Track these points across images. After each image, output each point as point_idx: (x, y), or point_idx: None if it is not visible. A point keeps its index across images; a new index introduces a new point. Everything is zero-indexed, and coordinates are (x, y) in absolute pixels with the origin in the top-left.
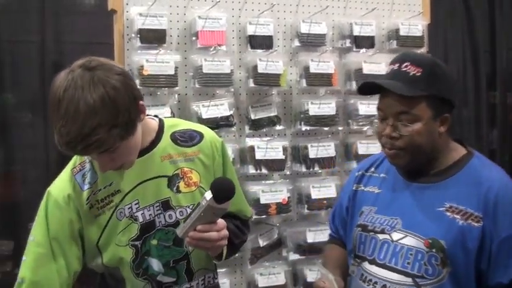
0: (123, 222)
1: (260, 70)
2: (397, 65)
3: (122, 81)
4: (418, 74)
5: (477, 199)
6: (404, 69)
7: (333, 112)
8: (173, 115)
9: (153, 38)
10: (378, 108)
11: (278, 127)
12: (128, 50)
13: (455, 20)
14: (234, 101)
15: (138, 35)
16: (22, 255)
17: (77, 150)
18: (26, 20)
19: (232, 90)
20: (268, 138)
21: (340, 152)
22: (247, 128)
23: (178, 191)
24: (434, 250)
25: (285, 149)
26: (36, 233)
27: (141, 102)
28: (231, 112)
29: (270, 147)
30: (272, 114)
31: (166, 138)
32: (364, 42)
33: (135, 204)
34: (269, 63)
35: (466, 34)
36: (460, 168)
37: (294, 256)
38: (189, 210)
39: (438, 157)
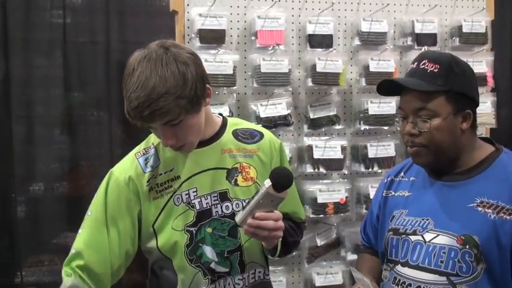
0: (180, 207)
1: (319, 69)
2: (415, 63)
3: (193, 59)
4: (436, 70)
5: (509, 192)
6: (423, 66)
7: (393, 111)
8: (232, 114)
9: (212, 38)
10: (399, 108)
11: (337, 126)
12: None
13: None
14: (292, 100)
15: (198, 35)
16: None
17: (143, 116)
18: (92, 21)
19: (291, 89)
20: (327, 137)
21: (400, 151)
22: (305, 127)
23: (236, 184)
24: (467, 246)
25: (343, 149)
26: (94, 208)
27: (207, 85)
28: (289, 111)
29: (328, 147)
30: (331, 113)
31: (228, 134)
32: (426, 39)
33: (193, 191)
34: (328, 62)
35: None
36: (489, 165)
37: (352, 256)
38: (244, 203)
39: (463, 155)
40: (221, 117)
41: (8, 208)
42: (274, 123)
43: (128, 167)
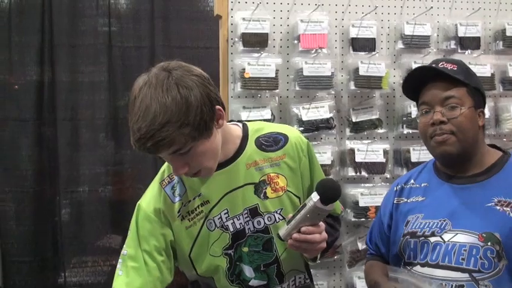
0: (215, 233)
1: (361, 72)
2: (433, 65)
3: (198, 82)
4: (455, 68)
5: None
6: (442, 66)
7: None
8: (274, 117)
9: (255, 41)
10: (422, 103)
11: (380, 130)
12: (231, 53)
13: None
14: (335, 104)
15: (241, 39)
16: None
17: (147, 148)
18: (136, 26)
19: (333, 92)
20: (369, 141)
21: None
22: (347, 130)
23: (265, 197)
24: (489, 243)
25: (385, 152)
26: (129, 246)
27: (218, 107)
28: (331, 114)
29: (370, 150)
30: (374, 117)
31: (251, 145)
32: (470, 43)
33: (225, 214)
34: (371, 65)
35: None
36: (501, 168)
37: None
38: (277, 216)
39: (477, 156)
40: (241, 125)
41: (54, 210)
42: (316, 127)
43: (155, 198)
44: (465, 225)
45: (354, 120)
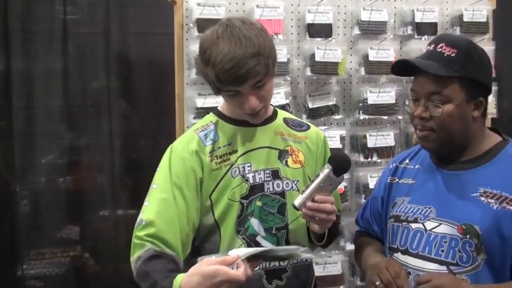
0: (236, 179)
1: (318, 58)
2: (432, 46)
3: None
4: (453, 54)
5: None
6: (440, 50)
7: (392, 101)
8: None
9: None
10: (411, 90)
11: (336, 116)
12: (186, 39)
13: None
14: (291, 90)
15: (196, 25)
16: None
17: (238, 76)
18: (92, 12)
19: (289, 79)
20: (326, 127)
21: (399, 141)
22: (304, 117)
23: (286, 164)
24: (468, 236)
25: (342, 138)
26: (159, 180)
27: None
28: (288, 101)
29: (327, 136)
30: (330, 103)
31: (280, 119)
32: (427, 29)
33: (248, 166)
34: (327, 51)
35: None
36: (495, 155)
37: (351, 246)
38: (294, 185)
39: (471, 143)
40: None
41: (11, 202)
42: None
43: (189, 141)
44: (447, 215)
45: (310, 106)
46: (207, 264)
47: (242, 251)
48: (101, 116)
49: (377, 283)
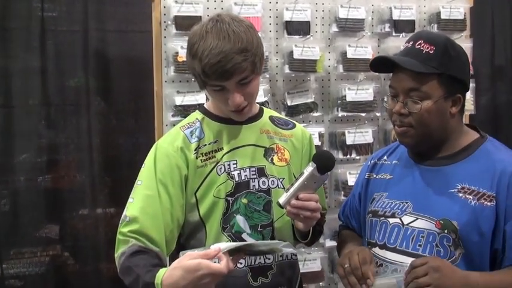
0: (222, 177)
1: (296, 56)
2: (411, 43)
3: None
4: (431, 51)
5: (490, 179)
6: (418, 46)
7: (370, 98)
8: (208, 100)
9: (189, 24)
10: (390, 86)
11: (315, 113)
12: (165, 37)
13: (503, 2)
14: (270, 87)
15: (174, 22)
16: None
17: (225, 70)
18: (70, 9)
19: (268, 76)
20: (305, 124)
21: (378, 138)
22: (283, 114)
23: (272, 162)
24: (446, 231)
25: (321, 135)
26: (144, 177)
27: None
28: (266, 98)
29: None
30: (309, 100)
31: (266, 117)
32: (404, 26)
33: (234, 164)
34: (305, 49)
35: None
36: (473, 151)
37: (330, 243)
38: (279, 182)
39: (449, 139)
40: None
41: None
42: None
43: (174, 138)
44: (425, 210)
45: (289, 103)
46: (189, 258)
47: (224, 245)
48: (80, 114)
49: (345, 265)
